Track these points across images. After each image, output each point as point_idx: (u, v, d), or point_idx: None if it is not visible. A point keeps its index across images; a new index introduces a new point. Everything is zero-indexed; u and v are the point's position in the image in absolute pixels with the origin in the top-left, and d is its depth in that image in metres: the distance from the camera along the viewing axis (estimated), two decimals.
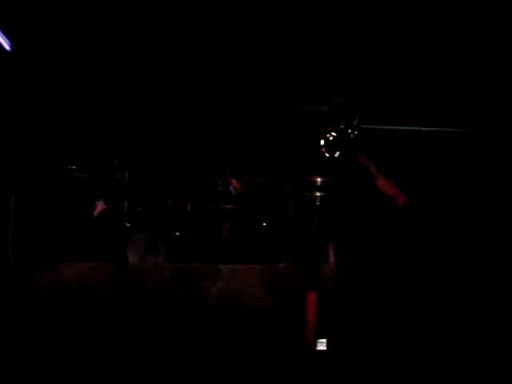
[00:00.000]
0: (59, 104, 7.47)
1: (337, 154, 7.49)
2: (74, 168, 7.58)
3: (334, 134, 7.49)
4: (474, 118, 7.38)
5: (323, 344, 6.45)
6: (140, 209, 7.69)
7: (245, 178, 8.17)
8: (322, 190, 7.39)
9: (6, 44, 6.79)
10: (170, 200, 7.79)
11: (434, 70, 7.30)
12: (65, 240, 7.02)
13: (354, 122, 7.43)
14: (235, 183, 8.02)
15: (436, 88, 7.35)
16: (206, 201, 7.99)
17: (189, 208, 7.90)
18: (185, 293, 6.56)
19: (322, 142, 7.56)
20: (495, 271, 7.15)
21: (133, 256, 7.11)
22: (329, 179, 7.41)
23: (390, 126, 7.34)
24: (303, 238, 6.94)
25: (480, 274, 7.12)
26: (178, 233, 7.66)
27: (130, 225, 7.58)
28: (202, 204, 7.99)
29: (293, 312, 6.58)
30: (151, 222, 7.56)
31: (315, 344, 6.42)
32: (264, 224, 7.97)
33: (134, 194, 7.80)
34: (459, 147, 7.36)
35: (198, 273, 6.66)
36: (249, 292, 6.59)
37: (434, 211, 7.32)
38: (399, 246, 7.16)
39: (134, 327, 6.36)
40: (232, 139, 8.31)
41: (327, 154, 7.52)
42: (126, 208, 7.68)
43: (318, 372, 6.37)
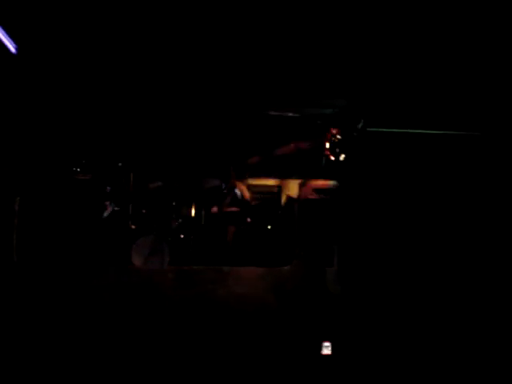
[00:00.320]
0: (64, 106, 7.48)
1: (342, 156, 7.50)
2: (79, 170, 7.58)
3: (338, 136, 7.51)
4: (480, 122, 7.36)
5: (328, 347, 6.43)
6: (145, 211, 7.69)
7: (249, 180, 8.16)
8: (326, 194, 7.38)
9: (12, 46, 6.81)
10: (174, 202, 7.79)
11: (440, 73, 7.28)
12: (69, 242, 7.01)
13: (359, 125, 7.44)
14: (242, 187, 8.02)
15: (441, 91, 7.33)
16: (210, 204, 7.98)
17: (193, 211, 7.89)
18: (189, 295, 6.55)
19: (327, 145, 7.57)
20: (497, 271, 7.13)
21: (138, 259, 7.10)
22: (334, 182, 7.41)
23: (394, 129, 7.32)
24: (308, 241, 6.93)
25: (482, 274, 7.10)
26: (182, 235, 7.66)
27: (134, 227, 7.58)
28: (206, 207, 7.98)
29: (297, 314, 6.56)
30: (156, 225, 7.57)
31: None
32: (269, 227, 7.96)
33: (138, 196, 7.81)
34: (465, 150, 7.34)
35: (203, 275, 6.66)
36: (253, 294, 6.58)
37: (440, 213, 7.30)
38: (404, 248, 7.14)
39: (139, 329, 6.35)
40: (236, 143, 8.31)
41: (332, 157, 7.53)
42: (130, 210, 7.68)
43: (322, 373, 6.34)
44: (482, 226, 7.23)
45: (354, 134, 7.30)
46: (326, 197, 7.29)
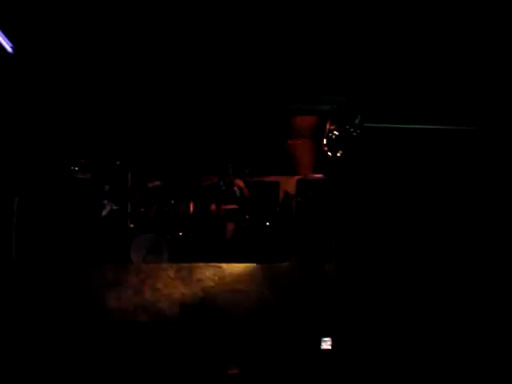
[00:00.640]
0: (62, 106, 7.48)
1: (339, 152, 7.50)
2: (77, 169, 7.59)
3: (336, 132, 7.51)
4: (476, 116, 7.37)
5: (328, 342, 6.44)
6: (143, 210, 7.70)
7: (248, 178, 8.17)
8: (324, 190, 7.38)
9: (8, 46, 6.81)
10: (172, 200, 7.79)
11: (436, 69, 7.29)
12: (67, 240, 7.02)
13: (357, 121, 7.44)
14: (241, 185, 8.02)
15: (438, 86, 7.34)
16: (208, 201, 7.99)
17: (191, 208, 7.90)
18: (188, 292, 6.56)
19: (325, 141, 7.57)
20: (496, 268, 7.14)
21: (136, 256, 7.11)
22: (331, 178, 7.41)
23: (391, 125, 7.33)
24: (306, 238, 6.93)
25: (481, 271, 7.11)
26: (181, 233, 7.66)
27: (133, 225, 7.59)
28: (204, 204, 7.99)
29: (296, 310, 6.58)
30: (154, 223, 7.57)
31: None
32: (267, 224, 7.97)
33: (137, 194, 7.82)
34: (462, 145, 7.35)
35: (202, 272, 6.67)
36: (252, 291, 6.59)
37: (438, 208, 7.31)
38: (402, 243, 7.15)
39: (138, 326, 6.36)
40: (234, 140, 8.32)
41: (330, 153, 7.54)
42: (129, 209, 7.69)
43: (322, 369, 6.35)
44: (479, 219, 7.25)
45: (352, 129, 7.30)
46: (323, 193, 7.28)
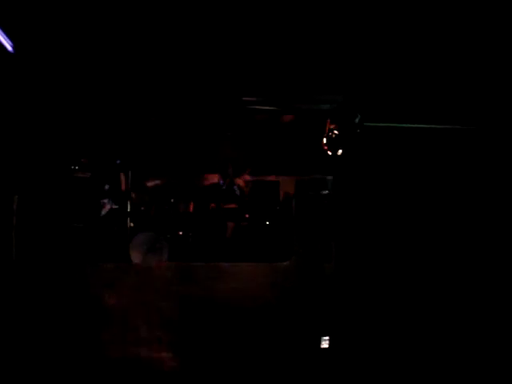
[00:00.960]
0: (61, 104, 7.47)
1: (339, 152, 7.51)
2: (77, 168, 7.59)
3: (336, 132, 7.51)
4: (476, 116, 7.37)
5: (326, 341, 6.45)
6: (143, 208, 7.70)
7: (247, 177, 8.16)
8: (324, 189, 7.38)
9: (8, 44, 6.81)
10: (172, 199, 7.79)
11: (436, 68, 7.29)
12: (68, 240, 7.03)
13: (357, 120, 7.45)
14: (241, 183, 8.02)
15: (438, 85, 7.34)
16: (208, 200, 7.99)
17: (191, 207, 7.90)
18: (188, 292, 6.57)
19: (325, 141, 7.58)
20: (496, 268, 7.15)
21: (136, 256, 7.11)
22: (331, 177, 7.41)
23: (392, 124, 7.33)
24: (306, 237, 6.94)
25: (480, 271, 7.12)
26: (181, 232, 7.66)
27: (133, 225, 7.59)
28: (204, 203, 7.99)
29: (296, 309, 6.59)
30: (154, 222, 7.57)
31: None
32: (267, 223, 7.97)
33: (137, 193, 7.82)
34: (461, 144, 7.35)
35: (202, 272, 6.67)
36: (252, 290, 6.60)
37: (438, 208, 7.32)
38: (402, 243, 7.16)
39: (137, 326, 6.37)
40: (233, 139, 8.31)
41: (330, 152, 7.54)
42: (129, 208, 7.68)
43: (321, 368, 6.37)
44: (479, 219, 7.25)
45: (352, 128, 7.31)
46: (323, 192, 7.29)
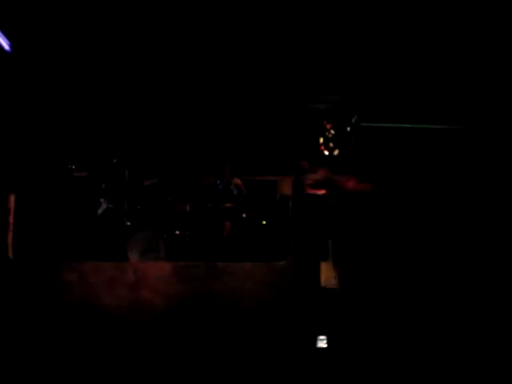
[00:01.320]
0: (59, 103, 7.48)
1: (336, 151, 7.53)
2: (74, 167, 7.59)
3: (332, 131, 7.53)
4: (472, 116, 7.40)
5: (323, 341, 6.46)
6: (140, 208, 7.71)
7: (244, 176, 8.18)
8: (321, 189, 7.40)
9: (6, 44, 6.81)
10: (169, 198, 7.81)
11: (432, 68, 7.32)
12: (65, 239, 7.03)
13: (353, 120, 7.47)
14: (239, 183, 8.04)
15: (434, 86, 7.37)
16: (205, 200, 8.00)
17: (188, 207, 7.91)
18: (185, 291, 6.57)
19: (321, 140, 7.60)
20: (495, 268, 7.16)
21: (133, 255, 7.12)
22: (328, 177, 7.43)
23: (388, 124, 7.35)
24: (303, 236, 6.95)
25: (480, 271, 7.13)
26: (178, 231, 7.68)
27: (130, 224, 7.60)
28: (201, 203, 8.00)
29: (292, 309, 6.59)
30: (151, 221, 7.58)
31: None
32: (264, 222, 7.99)
33: (134, 193, 7.82)
34: (457, 144, 7.38)
35: (199, 271, 6.68)
36: (249, 289, 6.60)
37: (434, 207, 7.34)
38: (399, 243, 7.17)
39: (135, 325, 6.37)
40: (231, 139, 8.33)
41: (326, 152, 7.56)
42: (126, 207, 7.69)
43: (318, 367, 6.37)
44: (476, 218, 7.27)
45: (348, 128, 7.33)
46: (320, 192, 7.30)
